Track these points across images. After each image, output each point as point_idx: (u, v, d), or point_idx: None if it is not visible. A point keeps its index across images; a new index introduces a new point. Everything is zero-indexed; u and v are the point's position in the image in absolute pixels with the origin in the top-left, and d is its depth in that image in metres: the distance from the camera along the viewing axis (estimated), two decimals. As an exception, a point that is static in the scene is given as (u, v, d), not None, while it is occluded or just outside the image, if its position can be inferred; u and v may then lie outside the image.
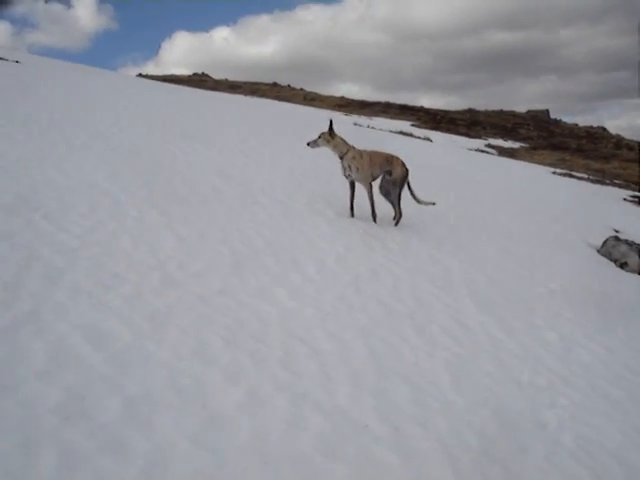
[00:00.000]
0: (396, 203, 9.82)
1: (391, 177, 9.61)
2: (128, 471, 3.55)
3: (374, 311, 6.45)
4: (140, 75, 51.93)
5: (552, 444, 4.99)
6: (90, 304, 5.21)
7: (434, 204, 10.19)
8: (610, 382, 6.40)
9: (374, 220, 9.57)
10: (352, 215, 9.60)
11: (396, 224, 9.89)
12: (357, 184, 9.52)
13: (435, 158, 23.19)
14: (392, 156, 9.76)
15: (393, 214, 9.96)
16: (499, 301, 7.74)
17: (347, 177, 9.40)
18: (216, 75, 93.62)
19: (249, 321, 5.59)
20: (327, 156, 10.55)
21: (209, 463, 3.78)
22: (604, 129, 72.09)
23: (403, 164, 9.74)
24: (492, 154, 34.59)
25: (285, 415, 4.38)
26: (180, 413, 4.13)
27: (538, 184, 23.77)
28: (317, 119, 26.95)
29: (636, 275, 11.49)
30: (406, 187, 9.79)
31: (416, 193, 9.91)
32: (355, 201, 9.66)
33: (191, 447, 3.86)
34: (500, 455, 4.64)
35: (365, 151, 9.40)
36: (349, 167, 9.24)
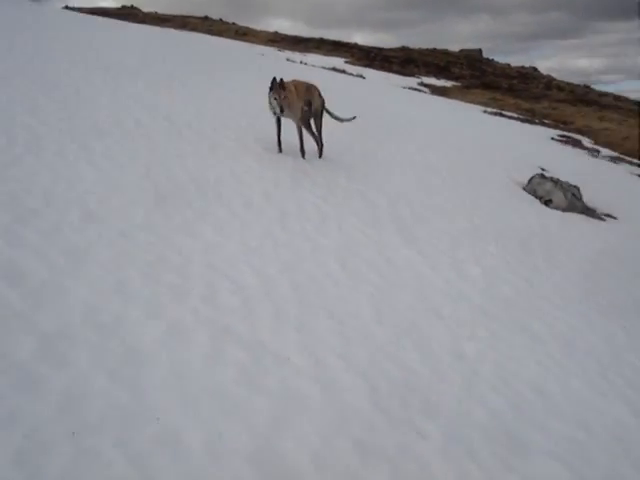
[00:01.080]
0: (318, 134, 9.73)
1: (311, 108, 9.49)
2: (43, 408, 3.49)
3: (299, 246, 6.43)
4: (67, 7, 49.70)
5: (471, 374, 5.12)
6: (5, 240, 5.03)
7: (354, 118, 10.13)
8: (530, 314, 6.58)
9: (302, 156, 9.47)
10: (280, 150, 9.47)
11: (320, 155, 9.82)
12: (282, 119, 9.34)
13: (367, 95, 23.06)
14: (311, 85, 9.61)
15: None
16: (424, 236, 7.82)
17: (278, 114, 9.19)
18: (146, 8, 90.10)
19: (171, 257, 5.50)
20: (256, 92, 10.35)
21: (127, 398, 3.74)
22: (535, 69, 72.84)
23: (320, 93, 9.63)
24: (425, 92, 34.65)
25: (205, 349, 4.36)
26: (98, 349, 4.06)
27: (469, 123, 23.96)
28: (249, 55, 26.41)
29: (560, 212, 11.77)
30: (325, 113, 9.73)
31: (334, 112, 9.85)
32: (283, 136, 9.52)
33: (108, 383, 3.80)
34: (420, 385, 4.74)
35: (289, 83, 9.18)
36: (281, 106, 9.01)
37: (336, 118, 9.87)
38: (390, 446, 4.01)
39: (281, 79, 8.79)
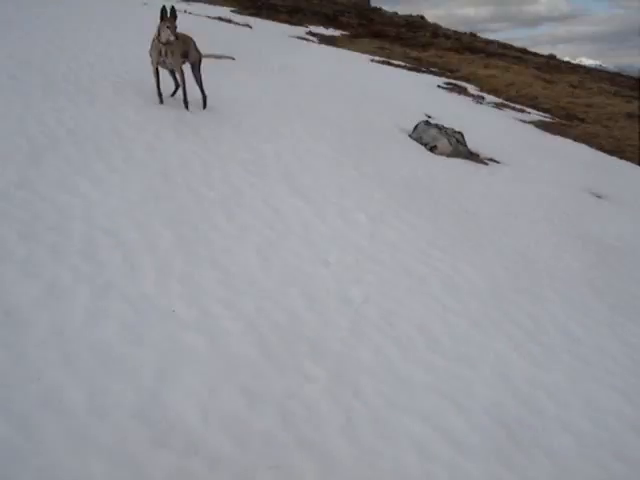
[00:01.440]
0: (199, 85, 9.57)
1: (189, 59, 9.31)
2: None
3: (184, 199, 6.33)
4: None
5: (357, 318, 5.23)
6: None
7: (234, 59, 9.99)
8: (415, 258, 6.75)
9: (186, 107, 9.27)
10: (161, 102, 9.21)
11: (204, 107, 9.66)
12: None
13: (254, 45, 22.73)
14: (187, 36, 9.39)
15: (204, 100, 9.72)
16: (311, 185, 7.85)
17: (161, 64, 8.91)
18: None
19: (48, 214, 5.31)
20: (136, 41, 10.01)
21: (5, 359, 3.63)
22: (422, 18, 73.59)
23: (196, 46, 9.46)
24: (313, 42, 34.46)
25: (86, 306, 4.26)
26: (-30, 312, 3.90)
27: (356, 72, 24.02)
28: (132, 4, 25.41)
29: (444, 157, 12.05)
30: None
31: (213, 52, 9.67)
32: (162, 87, 9.26)
33: (-17, 345, 3.67)
34: (306, 331, 4.81)
35: None
36: (165, 53, 8.74)
37: (213, 56, 9.61)
38: (278, 391, 4.07)
39: (172, 6, 8.56)
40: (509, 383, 5.02)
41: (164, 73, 9.29)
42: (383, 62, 32.13)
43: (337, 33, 46.99)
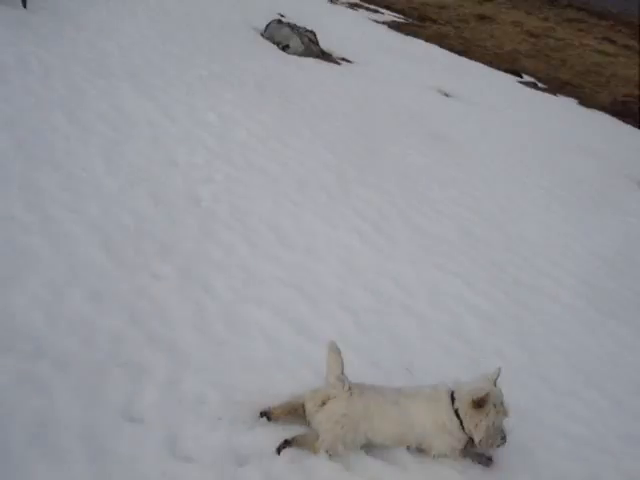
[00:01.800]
0: None
1: None
2: None
3: (21, 102, 5.98)
4: None
5: (206, 216, 5.25)
6: None
7: None
8: (265, 156, 6.78)
9: (24, 5, 8.58)
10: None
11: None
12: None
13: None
14: None
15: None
16: (160, 85, 7.62)
17: None
18: None
19: None
20: None
21: None
22: None
23: None
24: None
25: None
26: None
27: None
28: None
29: (296, 57, 11.97)
30: None
31: None
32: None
33: None
34: (154, 230, 4.79)
35: None
36: None
37: None
38: (126, 291, 4.07)
39: None
40: (356, 273, 5.26)
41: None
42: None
43: None
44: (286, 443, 3.23)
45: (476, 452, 3.52)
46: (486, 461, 3.53)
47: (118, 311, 3.87)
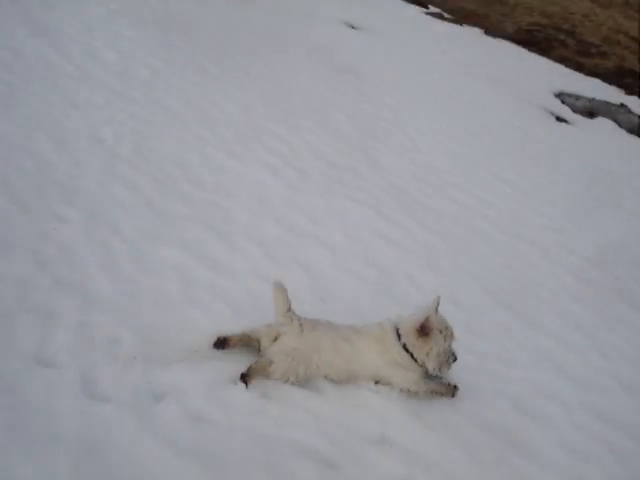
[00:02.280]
0: None
1: None
2: None
3: None
4: None
5: (110, 157, 5.13)
6: None
7: None
8: (168, 93, 6.63)
9: None
10: None
11: None
12: None
13: None
14: None
15: None
16: (53, 23, 7.28)
17: None
18: None
19: None
20: None
21: None
22: None
23: None
24: None
25: None
26: None
27: None
28: None
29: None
30: None
31: None
32: None
33: None
34: (56, 174, 4.66)
35: None
36: None
37: None
38: (30, 237, 3.96)
39: None
40: (266, 207, 5.26)
41: None
42: None
43: None
44: (244, 375, 3.30)
45: (439, 385, 3.65)
46: (453, 390, 3.67)
47: (23, 257, 3.77)
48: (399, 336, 3.51)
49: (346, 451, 3.16)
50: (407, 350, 3.49)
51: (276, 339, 3.44)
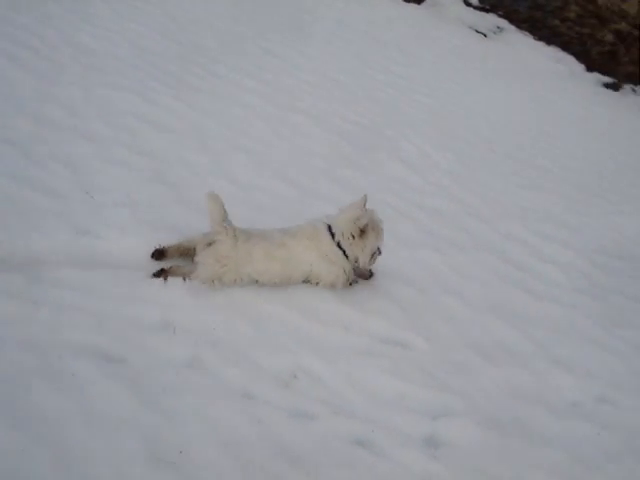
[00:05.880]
0: None
1: None
2: None
3: None
4: None
5: None
6: None
7: None
8: None
9: None
10: None
11: None
12: None
13: None
14: None
15: None
16: None
17: None
18: None
19: None
20: None
21: None
22: None
23: None
24: None
25: None
26: None
27: None
28: None
29: None
30: None
31: None
32: None
33: None
34: None
35: None
36: None
37: None
38: None
39: None
40: (14, 102, 4.80)
41: None
42: None
43: None
44: (162, 271, 3.46)
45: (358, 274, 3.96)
46: (369, 274, 4.02)
47: None
48: (332, 234, 3.72)
49: (129, 342, 3.09)
50: (340, 247, 3.71)
51: (209, 245, 3.50)
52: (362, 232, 3.69)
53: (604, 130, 9.68)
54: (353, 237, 3.69)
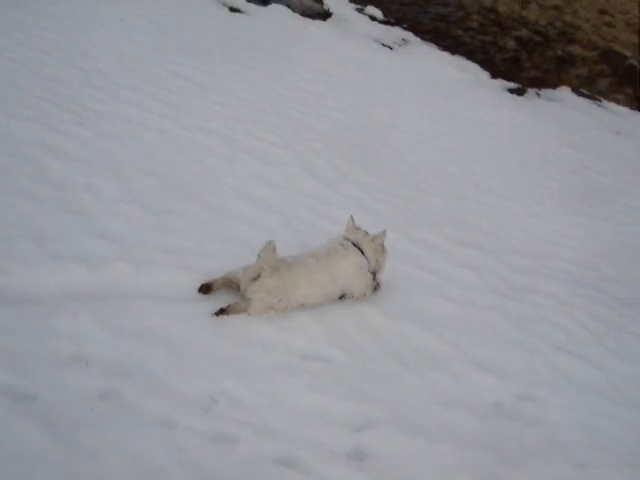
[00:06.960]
0: None
1: None
2: None
3: None
4: None
5: None
6: None
7: None
8: None
9: None
10: None
11: None
12: None
13: None
14: None
15: None
16: None
17: None
18: None
19: None
20: None
21: None
22: None
23: None
24: None
25: None
26: None
27: None
28: None
29: None
30: None
31: None
32: None
33: None
34: None
35: None
36: None
37: None
38: None
39: None
40: None
41: None
42: None
43: None
44: (222, 311, 3.68)
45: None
46: (378, 286, 4.41)
47: None
48: (360, 250, 4.20)
49: (41, 379, 2.96)
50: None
51: (254, 280, 3.75)
52: (382, 247, 4.28)
53: (511, 134, 10.01)
54: (379, 253, 4.25)
